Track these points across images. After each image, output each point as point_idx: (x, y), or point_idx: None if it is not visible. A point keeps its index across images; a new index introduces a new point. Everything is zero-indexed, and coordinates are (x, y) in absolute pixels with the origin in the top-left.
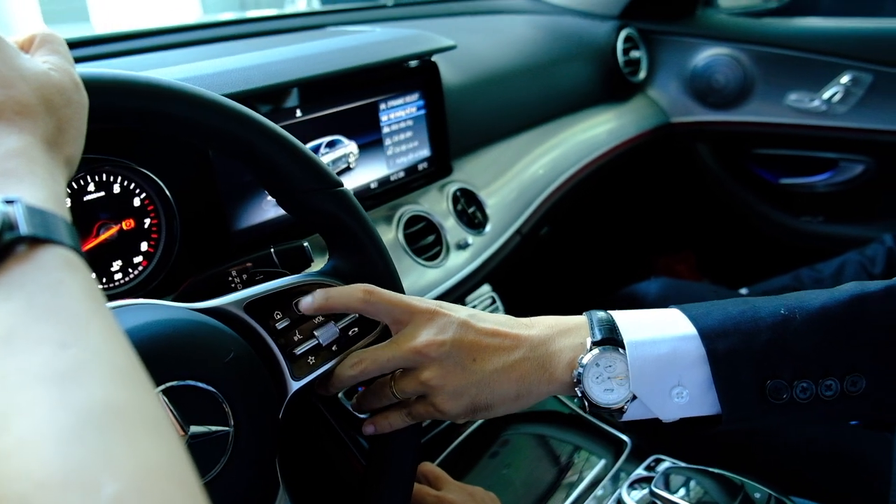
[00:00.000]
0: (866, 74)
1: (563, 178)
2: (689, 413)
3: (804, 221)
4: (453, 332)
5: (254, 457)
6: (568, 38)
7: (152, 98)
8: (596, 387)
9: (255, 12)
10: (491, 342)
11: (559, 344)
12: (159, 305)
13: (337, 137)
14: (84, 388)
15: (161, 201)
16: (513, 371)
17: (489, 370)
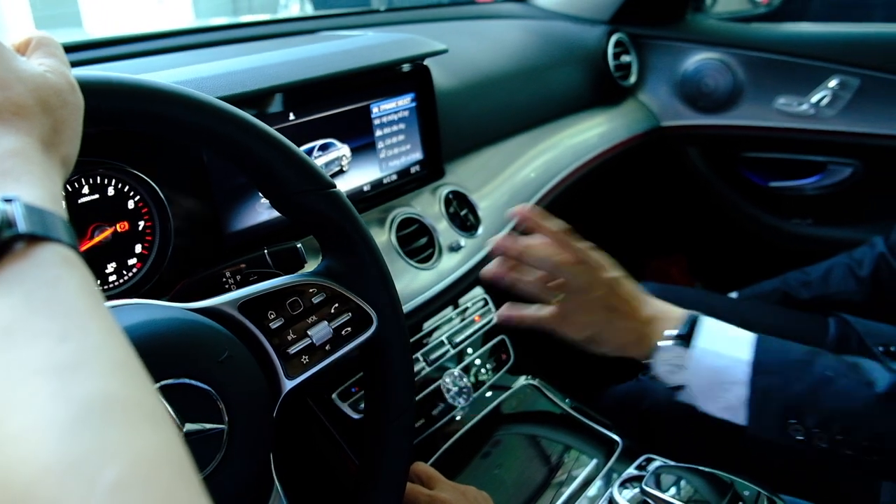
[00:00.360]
0: (854, 79)
1: (554, 182)
2: (724, 416)
3: (794, 224)
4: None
5: (248, 454)
6: (559, 43)
7: (148, 100)
8: (661, 367)
9: (248, 17)
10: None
11: (657, 326)
12: (154, 305)
13: (330, 140)
14: (83, 380)
15: (155, 204)
16: (626, 333)
17: (615, 321)
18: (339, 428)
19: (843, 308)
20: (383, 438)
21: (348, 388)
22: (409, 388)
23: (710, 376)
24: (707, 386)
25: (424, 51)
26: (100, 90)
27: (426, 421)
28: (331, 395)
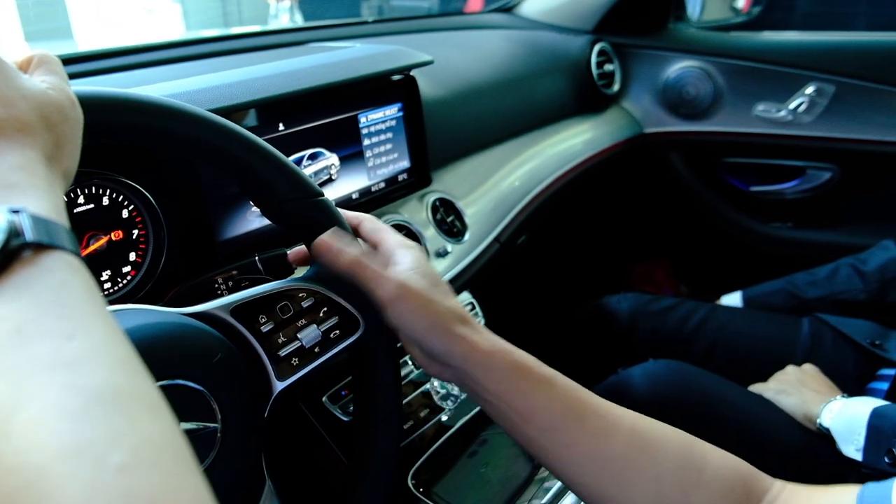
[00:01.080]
0: (829, 85)
1: (540, 188)
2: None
3: (774, 227)
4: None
5: (240, 452)
6: (543, 53)
7: (144, 114)
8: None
9: (238, 29)
10: None
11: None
12: (149, 310)
13: (319, 150)
14: (90, 374)
15: (149, 213)
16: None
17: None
18: (328, 429)
19: (848, 307)
20: (371, 439)
21: (338, 391)
22: (396, 391)
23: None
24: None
25: (411, 62)
26: (98, 105)
27: (414, 422)
28: (321, 397)
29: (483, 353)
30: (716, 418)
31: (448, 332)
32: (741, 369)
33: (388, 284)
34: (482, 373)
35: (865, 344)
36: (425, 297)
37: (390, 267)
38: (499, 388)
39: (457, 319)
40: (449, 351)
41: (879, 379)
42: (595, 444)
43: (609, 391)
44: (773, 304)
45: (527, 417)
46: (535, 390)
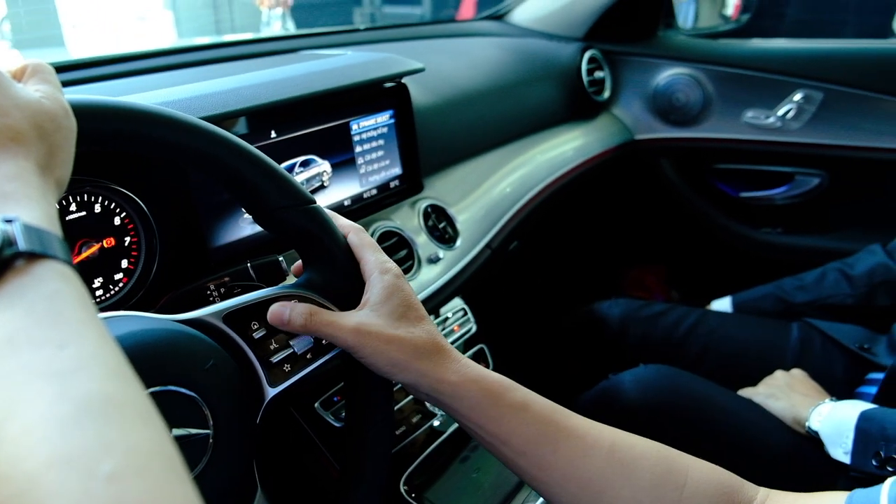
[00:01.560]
0: (817, 92)
1: (531, 194)
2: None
3: (764, 233)
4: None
5: (232, 458)
6: (534, 60)
7: (136, 122)
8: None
9: (231, 37)
10: None
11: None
12: (141, 317)
13: (311, 157)
14: (81, 383)
15: (140, 220)
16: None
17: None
18: (321, 436)
19: (836, 312)
20: (363, 445)
21: (330, 397)
22: (388, 396)
23: (836, 427)
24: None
25: (402, 69)
26: (91, 113)
27: (407, 428)
28: (313, 403)
29: (449, 384)
30: (706, 423)
31: (411, 367)
32: (731, 374)
33: (344, 330)
34: (452, 402)
35: (854, 348)
36: (384, 335)
37: (362, 298)
38: (470, 415)
39: (421, 354)
40: (414, 384)
41: (868, 383)
42: (571, 466)
43: (600, 396)
44: (762, 309)
45: (502, 441)
46: (507, 416)
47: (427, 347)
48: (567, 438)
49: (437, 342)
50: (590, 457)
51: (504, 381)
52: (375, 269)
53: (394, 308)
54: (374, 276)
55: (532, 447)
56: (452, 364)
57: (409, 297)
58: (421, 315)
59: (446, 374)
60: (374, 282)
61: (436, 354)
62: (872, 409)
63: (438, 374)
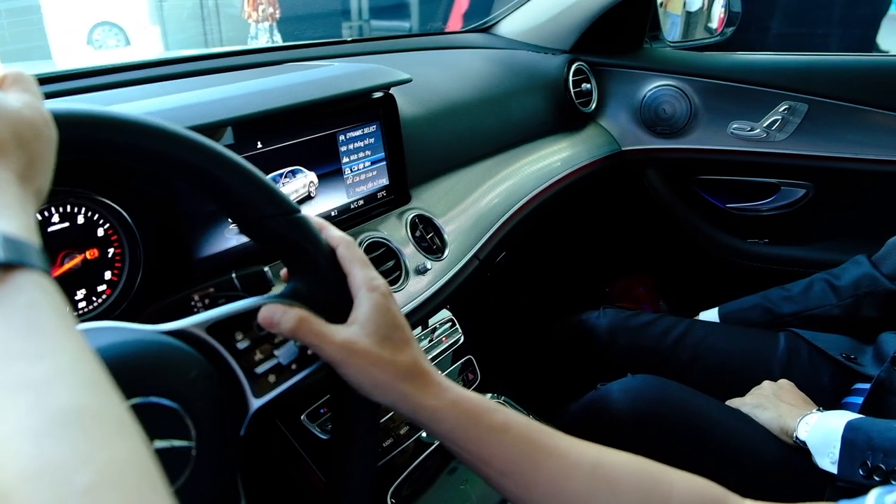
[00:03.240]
0: (801, 104)
1: (519, 205)
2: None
3: (751, 243)
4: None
5: (215, 470)
6: (521, 72)
7: (119, 131)
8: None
9: (217, 49)
10: None
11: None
12: (123, 328)
13: (297, 168)
14: (57, 395)
15: (124, 231)
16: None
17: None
18: (307, 448)
19: (823, 322)
20: (348, 459)
21: (317, 409)
22: (374, 410)
23: (823, 437)
24: (821, 444)
25: (389, 80)
26: (72, 122)
27: (394, 440)
28: (300, 416)
29: (430, 408)
30: (694, 433)
31: (392, 389)
32: (719, 384)
33: (333, 346)
34: (432, 425)
35: (840, 358)
36: (371, 355)
37: (350, 314)
38: (451, 437)
39: (403, 376)
40: (395, 406)
41: (854, 393)
42: (554, 486)
43: (588, 407)
44: (749, 320)
45: (484, 462)
46: (488, 438)
47: (410, 370)
48: (549, 458)
49: (420, 365)
50: (572, 476)
51: (484, 403)
52: (363, 286)
53: (380, 328)
54: (361, 293)
55: (514, 467)
56: (433, 388)
57: (396, 318)
58: (406, 337)
59: (427, 399)
60: (362, 299)
61: (418, 378)
62: (859, 419)
63: (419, 398)
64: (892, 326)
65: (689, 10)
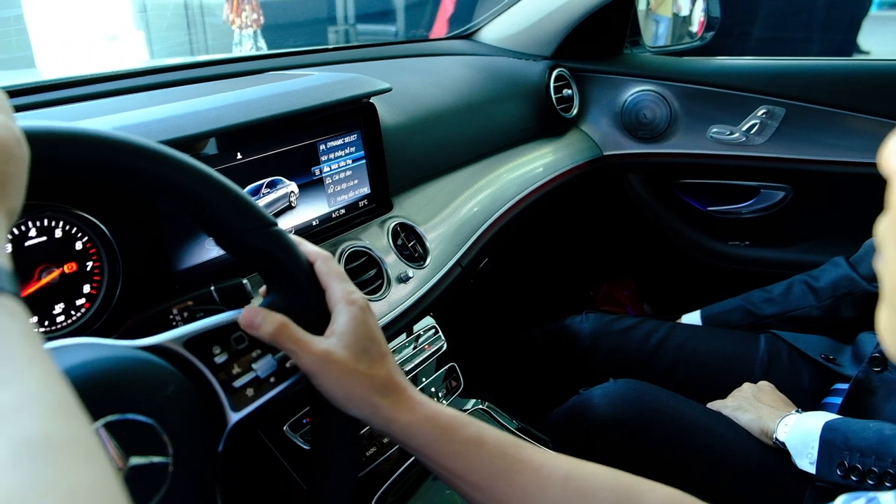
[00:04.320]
0: (779, 108)
1: (501, 211)
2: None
3: (732, 246)
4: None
5: (193, 486)
6: (503, 78)
7: (91, 147)
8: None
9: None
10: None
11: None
12: (98, 344)
13: (277, 178)
14: (22, 422)
15: (103, 245)
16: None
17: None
18: (290, 459)
19: (803, 323)
20: (328, 469)
21: (299, 419)
22: (354, 420)
23: (801, 437)
24: (799, 445)
25: (368, 90)
26: (44, 139)
27: (377, 448)
28: (282, 427)
29: (404, 422)
30: (676, 436)
31: (366, 402)
32: (701, 387)
33: (310, 355)
34: (405, 439)
35: (819, 359)
36: (347, 367)
37: (328, 327)
38: (424, 451)
39: (378, 390)
40: (368, 420)
41: (833, 393)
42: (528, 498)
43: (571, 412)
44: (730, 322)
45: (458, 476)
46: (461, 452)
47: (385, 384)
48: (522, 471)
49: (395, 380)
50: (546, 488)
51: (458, 417)
52: (342, 300)
53: (358, 340)
54: (339, 307)
55: (488, 481)
56: (408, 402)
57: (374, 332)
58: (383, 351)
59: (401, 413)
60: (341, 312)
61: (393, 392)
62: (836, 419)
63: (393, 412)
64: (870, 327)
65: (677, 14)
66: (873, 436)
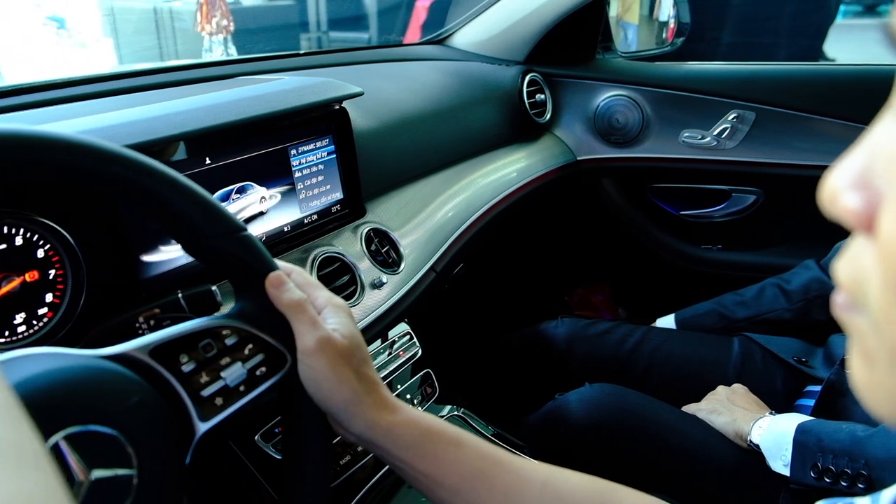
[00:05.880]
0: (750, 112)
1: (475, 216)
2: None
3: (704, 250)
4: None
5: (158, 499)
6: (476, 83)
7: (51, 151)
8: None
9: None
10: None
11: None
12: (61, 353)
13: (247, 183)
14: None
15: (66, 252)
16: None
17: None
18: (261, 469)
19: (775, 326)
20: (301, 477)
21: (271, 429)
22: (326, 427)
23: (775, 440)
24: (773, 447)
25: (340, 94)
26: (2, 143)
27: (352, 456)
28: (254, 436)
29: (386, 423)
30: (651, 440)
31: (353, 395)
32: (676, 390)
33: (314, 335)
34: (385, 443)
35: (792, 361)
36: (343, 355)
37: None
38: (405, 455)
39: (362, 390)
40: (349, 418)
41: (806, 395)
42: (507, 501)
43: (547, 417)
44: (704, 326)
45: (437, 481)
46: (442, 454)
47: (369, 385)
48: (502, 473)
49: (377, 382)
50: (524, 492)
51: (438, 421)
52: (328, 304)
53: (351, 337)
54: (327, 310)
55: (468, 483)
56: (390, 405)
57: (357, 336)
58: (365, 357)
59: (383, 414)
60: (330, 313)
61: (375, 393)
62: (809, 421)
63: (375, 413)
64: (841, 329)
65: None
66: (846, 437)
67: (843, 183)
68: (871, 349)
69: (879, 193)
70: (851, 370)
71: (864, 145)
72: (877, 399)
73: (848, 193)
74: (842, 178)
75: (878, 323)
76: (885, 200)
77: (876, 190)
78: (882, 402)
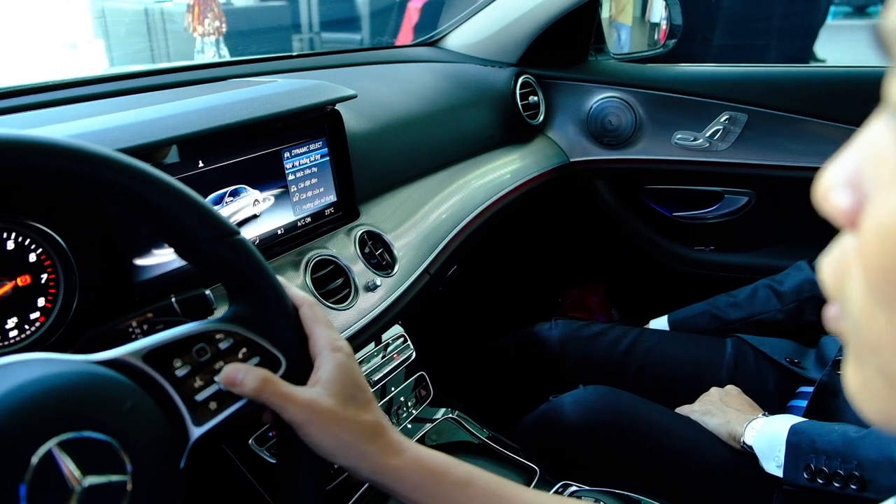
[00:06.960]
0: (742, 114)
1: (469, 218)
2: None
3: (697, 251)
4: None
5: (153, 503)
6: (469, 85)
7: (42, 155)
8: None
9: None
10: None
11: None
12: (54, 359)
13: (241, 186)
14: None
15: (59, 256)
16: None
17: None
18: (255, 473)
19: (768, 327)
20: (295, 481)
21: (265, 432)
22: None
23: (768, 440)
24: (766, 448)
25: (333, 96)
26: None
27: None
28: (247, 440)
29: (392, 468)
30: (645, 442)
31: (355, 450)
32: (669, 391)
33: (296, 407)
34: (394, 485)
35: (784, 362)
36: (335, 415)
37: (311, 374)
38: (413, 496)
39: (367, 436)
40: (356, 468)
41: (799, 396)
42: None
43: (541, 419)
44: (697, 327)
45: None
46: (451, 494)
47: (373, 430)
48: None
49: (382, 425)
50: None
51: (446, 459)
52: (327, 347)
53: (344, 387)
54: (325, 354)
55: None
56: (395, 446)
57: (359, 378)
58: (368, 397)
59: (389, 458)
60: (326, 360)
61: (380, 437)
62: (802, 422)
63: (381, 457)
64: None
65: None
66: (839, 438)
67: (836, 180)
68: (859, 352)
69: (866, 193)
70: (844, 377)
71: (857, 145)
72: (867, 402)
73: (839, 191)
74: (835, 176)
75: (857, 321)
76: (869, 200)
77: (864, 190)
78: (871, 404)
